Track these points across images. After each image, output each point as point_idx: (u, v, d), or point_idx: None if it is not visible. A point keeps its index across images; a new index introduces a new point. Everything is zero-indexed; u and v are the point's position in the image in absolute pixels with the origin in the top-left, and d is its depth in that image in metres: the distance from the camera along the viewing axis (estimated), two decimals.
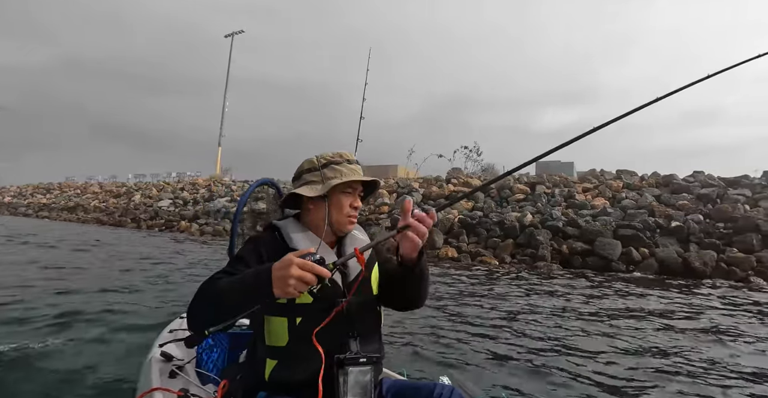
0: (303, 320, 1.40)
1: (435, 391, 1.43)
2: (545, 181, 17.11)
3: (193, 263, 10.17)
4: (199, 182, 31.58)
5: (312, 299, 1.32)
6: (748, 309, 6.94)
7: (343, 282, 1.47)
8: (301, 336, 1.39)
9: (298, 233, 1.50)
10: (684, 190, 14.49)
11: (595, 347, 4.66)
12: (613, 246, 11.18)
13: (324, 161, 1.54)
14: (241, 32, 41.61)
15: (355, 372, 1.38)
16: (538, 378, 3.57)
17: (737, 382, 3.71)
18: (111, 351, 3.64)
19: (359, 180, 1.54)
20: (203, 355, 2.16)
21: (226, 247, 2.13)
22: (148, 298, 5.99)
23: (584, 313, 6.36)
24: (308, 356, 1.37)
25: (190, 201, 25.93)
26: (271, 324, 1.43)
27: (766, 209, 12.55)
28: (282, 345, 1.41)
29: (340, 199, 1.51)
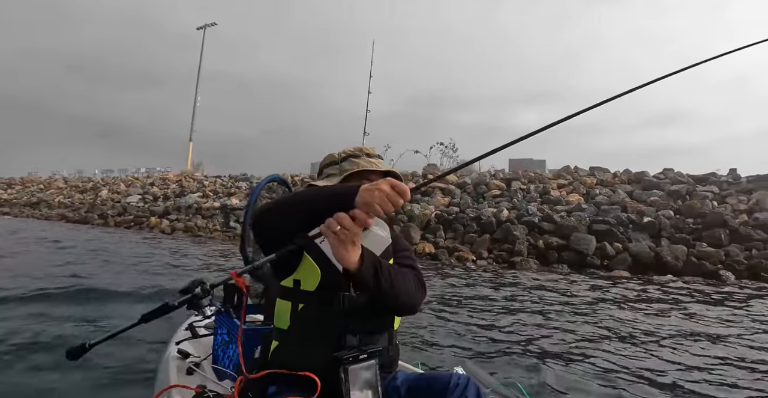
0: (304, 307, 1.41)
1: (451, 381, 1.39)
2: (521, 177, 17.26)
3: (183, 260, 9.88)
4: (169, 177, 30.82)
5: (315, 287, 1.39)
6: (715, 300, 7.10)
7: None
8: (301, 323, 1.41)
9: None
10: (655, 186, 14.80)
11: (599, 336, 4.74)
12: (587, 241, 11.31)
13: (344, 155, 1.56)
14: (213, 25, 40.76)
15: (355, 369, 1.36)
16: (549, 366, 3.57)
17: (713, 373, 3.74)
18: (127, 348, 3.59)
19: (379, 173, 1.52)
20: (219, 351, 2.16)
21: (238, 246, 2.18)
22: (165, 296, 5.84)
23: (585, 307, 6.38)
24: (305, 343, 1.40)
25: (160, 197, 25.26)
26: (278, 306, 1.46)
27: (733, 205, 12.92)
28: (284, 328, 1.44)
29: None
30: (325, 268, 1.41)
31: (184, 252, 11.79)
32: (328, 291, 1.40)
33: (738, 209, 12.56)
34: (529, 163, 27.39)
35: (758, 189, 13.61)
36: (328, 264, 1.40)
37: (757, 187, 13.84)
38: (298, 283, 1.42)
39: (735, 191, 13.86)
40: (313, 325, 1.40)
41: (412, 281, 1.50)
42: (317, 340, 1.39)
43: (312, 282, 1.41)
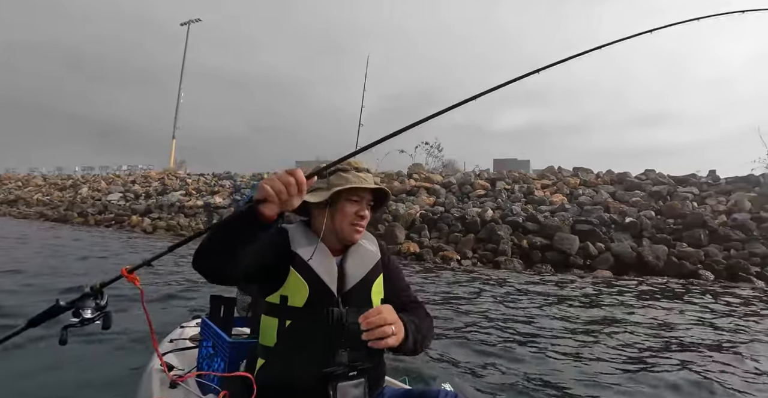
0: (292, 323, 1.39)
1: None
2: (505, 177, 17.35)
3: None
4: (151, 175, 30.39)
5: (303, 303, 1.38)
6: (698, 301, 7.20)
7: (339, 290, 1.44)
8: (289, 340, 1.39)
9: (300, 237, 1.48)
10: (637, 187, 14.99)
11: (587, 341, 4.73)
12: (571, 241, 11.40)
13: (333, 168, 1.51)
14: (198, 21, 40.26)
15: (344, 386, 1.36)
16: (537, 383, 3.53)
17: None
18: (108, 361, 3.51)
19: (367, 188, 1.50)
20: (204, 364, 2.12)
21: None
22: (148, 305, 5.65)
23: (571, 309, 6.41)
24: (293, 360, 1.37)
25: (142, 195, 24.90)
26: (264, 323, 1.43)
27: (712, 206, 13.13)
28: (271, 345, 1.41)
29: (345, 206, 1.49)
30: (313, 284, 1.40)
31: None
32: (317, 307, 1.39)
33: (717, 210, 12.78)
34: (513, 163, 27.54)
35: (736, 190, 13.87)
36: (317, 279, 1.41)
37: (735, 188, 14.10)
38: (285, 299, 1.40)
39: (714, 193, 14.09)
40: (302, 341, 1.38)
41: (430, 323, 1.55)
42: (306, 357, 1.37)
43: (300, 298, 1.39)
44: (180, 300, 6.04)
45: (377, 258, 1.55)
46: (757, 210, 12.45)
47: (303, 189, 1.16)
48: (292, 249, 1.44)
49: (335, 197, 1.48)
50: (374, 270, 1.52)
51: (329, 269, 1.44)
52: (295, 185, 1.14)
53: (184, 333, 2.72)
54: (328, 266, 1.45)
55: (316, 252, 1.44)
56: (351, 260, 1.49)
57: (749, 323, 5.76)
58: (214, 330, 2.07)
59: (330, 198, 1.47)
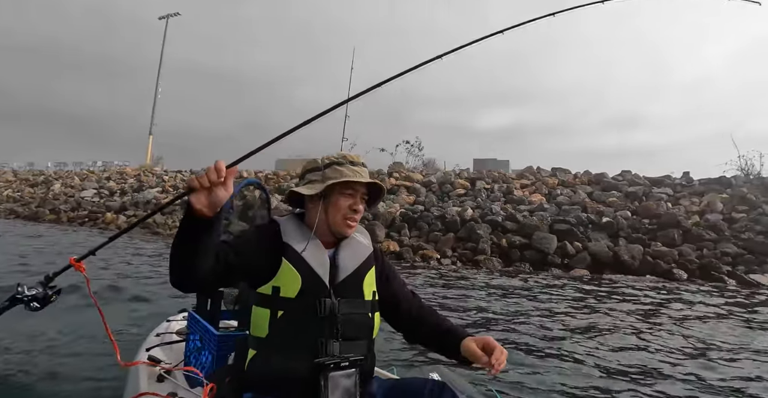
0: (284, 314, 1.40)
1: (426, 388, 1.42)
2: (485, 177, 17.45)
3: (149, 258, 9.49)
4: (127, 171, 29.76)
5: (295, 294, 1.39)
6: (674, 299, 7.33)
7: (331, 282, 1.45)
8: (281, 330, 1.39)
9: (292, 229, 1.50)
10: (613, 188, 15.23)
11: (564, 334, 4.80)
12: (549, 240, 11.51)
13: (327, 161, 1.53)
14: (176, 15, 39.55)
15: (336, 376, 1.37)
16: (523, 373, 3.57)
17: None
18: (94, 356, 3.46)
19: (362, 182, 1.51)
20: (191, 358, 2.12)
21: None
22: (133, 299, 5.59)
23: (549, 306, 6.45)
24: (285, 351, 1.38)
25: (117, 191, 24.35)
26: (255, 314, 1.43)
27: (686, 207, 13.42)
28: (262, 336, 1.41)
29: (339, 200, 1.50)
30: (305, 274, 1.42)
31: (133, 251, 11.39)
32: (309, 298, 1.40)
33: (691, 211, 13.06)
34: (493, 163, 27.75)
35: (709, 192, 14.21)
36: (309, 270, 1.42)
37: (707, 190, 14.44)
38: (278, 290, 1.41)
39: (688, 194, 14.40)
40: (294, 332, 1.39)
41: None
42: (298, 347, 1.39)
43: (292, 289, 1.40)
44: (166, 293, 5.97)
45: (369, 251, 1.57)
46: (728, 211, 12.76)
47: (222, 175, 1.19)
48: (285, 241, 1.45)
49: (329, 190, 1.48)
50: (366, 263, 1.54)
51: (322, 261, 1.46)
52: (214, 171, 1.19)
53: (170, 326, 2.73)
54: (321, 258, 1.46)
55: (309, 244, 1.45)
56: (343, 253, 1.51)
57: (719, 321, 5.88)
58: (201, 324, 2.05)
59: (324, 191, 1.48)
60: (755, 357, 4.32)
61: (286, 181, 20.04)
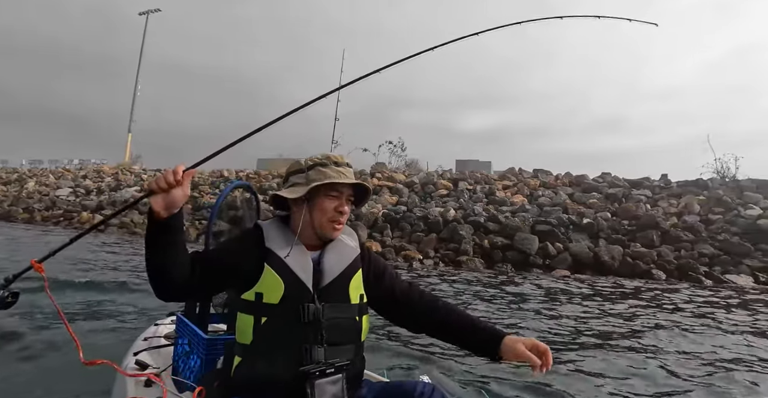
0: (267, 320, 1.38)
1: (416, 390, 1.40)
2: (467, 178, 17.51)
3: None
4: (104, 169, 29.15)
5: (278, 300, 1.37)
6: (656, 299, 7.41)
7: (315, 287, 1.43)
8: (265, 337, 1.38)
9: (275, 233, 1.48)
10: (594, 189, 15.40)
11: (564, 340, 4.74)
12: (531, 241, 11.57)
13: (311, 163, 1.49)
14: (157, 11, 38.91)
15: (322, 383, 1.35)
16: (514, 374, 3.53)
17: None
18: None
19: (347, 184, 1.47)
20: (180, 362, 2.09)
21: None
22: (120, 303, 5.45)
23: (536, 311, 6.44)
24: (270, 358, 1.37)
25: (93, 190, 23.82)
26: (240, 320, 1.42)
27: (664, 208, 13.63)
28: (247, 343, 1.40)
29: (323, 202, 1.46)
30: (288, 280, 1.40)
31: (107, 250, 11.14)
32: (292, 303, 1.39)
33: (669, 212, 13.26)
34: (475, 164, 27.86)
35: (686, 194, 14.46)
36: (292, 276, 1.40)
37: (685, 192, 14.70)
38: (261, 296, 1.39)
39: (666, 195, 14.64)
40: (278, 338, 1.38)
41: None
42: (282, 354, 1.37)
43: (275, 295, 1.38)
44: (153, 297, 5.79)
45: (356, 253, 1.54)
46: (705, 213, 13.00)
47: (178, 178, 1.27)
48: (267, 246, 1.43)
49: (313, 193, 1.45)
50: (352, 266, 1.50)
51: (304, 266, 1.43)
52: (171, 174, 1.27)
53: (158, 330, 2.69)
54: (304, 263, 1.44)
55: (293, 249, 1.43)
56: (328, 256, 1.48)
57: (696, 319, 5.96)
58: (189, 327, 2.03)
59: (308, 194, 1.45)
60: (722, 356, 4.39)
61: (267, 180, 19.83)
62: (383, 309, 1.59)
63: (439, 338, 1.61)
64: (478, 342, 1.49)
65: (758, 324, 5.87)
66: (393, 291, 1.56)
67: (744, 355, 4.42)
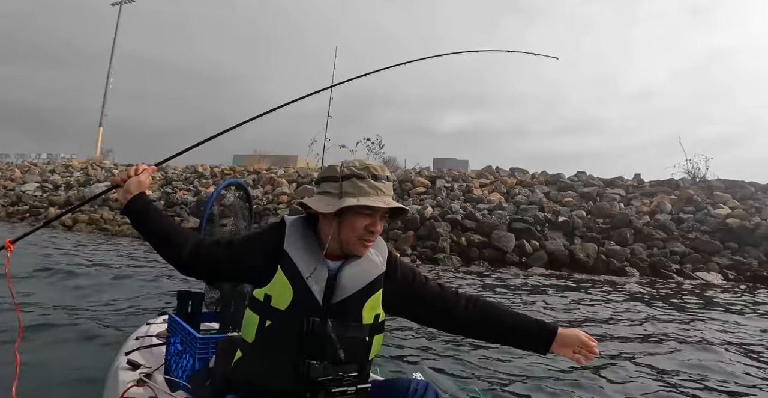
0: (272, 324, 1.35)
1: (410, 388, 1.39)
2: (445, 175, 17.51)
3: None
4: (73, 164, 28.30)
5: (285, 307, 1.33)
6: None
7: (326, 301, 1.35)
8: (266, 340, 1.35)
9: (297, 236, 1.40)
10: (569, 188, 15.56)
11: None
12: (508, 239, 11.63)
13: (347, 171, 1.37)
14: (132, 1, 37.85)
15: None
16: (507, 371, 3.52)
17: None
18: (71, 360, 3.38)
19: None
20: (172, 361, 2.09)
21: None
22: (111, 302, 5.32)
23: (518, 307, 6.42)
24: (268, 362, 1.34)
25: (61, 185, 23.10)
26: (247, 316, 1.40)
27: (637, 207, 13.85)
28: (249, 341, 1.38)
29: (354, 220, 1.36)
30: (298, 289, 1.34)
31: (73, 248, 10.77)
32: (298, 313, 1.33)
33: (641, 211, 13.49)
34: (452, 162, 27.97)
35: (658, 193, 14.73)
36: (303, 286, 1.34)
37: (657, 191, 14.97)
38: (269, 298, 1.35)
39: (639, 194, 14.88)
40: (278, 345, 1.34)
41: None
42: (280, 362, 1.34)
43: (283, 301, 1.34)
44: (145, 296, 5.74)
45: (380, 272, 1.43)
46: (676, 212, 13.26)
47: (138, 171, 1.47)
48: (285, 248, 1.37)
49: (345, 207, 1.35)
50: (372, 285, 1.41)
51: (319, 278, 1.35)
52: (132, 170, 1.49)
53: (150, 329, 2.69)
54: (319, 274, 1.36)
55: (311, 256, 1.36)
56: (349, 270, 1.39)
57: (666, 315, 6.04)
58: (182, 326, 2.02)
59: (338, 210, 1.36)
60: (691, 348, 4.52)
61: (243, 176, 19.51)
62: (420, 317, 1.54)
63: (484, 336, 1.57)
64: (529, 337, 1.48)
65: (722, 318, 6.02)
66: (425, 298, 1.49)
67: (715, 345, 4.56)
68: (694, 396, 3.28)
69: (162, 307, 4.77)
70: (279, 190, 16.63)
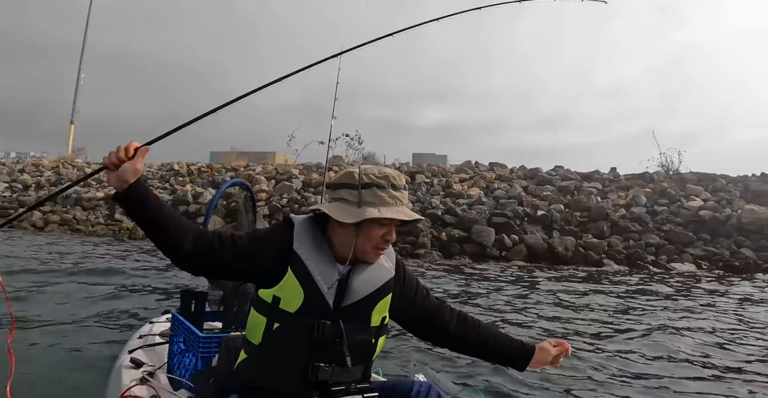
0: (280, 327, 1.31)
1: (413, 389, 1.38)
2: (425, 171, 17.55)
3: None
4: (44, 163, 27.52)
5: (295, 310, 1.30)
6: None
7: (336, 304, 1.33)
8: (274, 343, 1.32)
9: (307, 238, 1.36)
10: (547, 182, 15.75)
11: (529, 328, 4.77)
12: (488, 233, 11.71)
13: (366, 180, 1.34)
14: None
15: None
16: (509, 373, 3.42)
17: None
18: (74, 358, 3.39)
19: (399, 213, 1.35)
20: (174, 360, 2.08)
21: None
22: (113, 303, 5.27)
23: (500, 299, 6.46)
24: (275, 364, 1.32)
25: (32, 185, 22.44)
26: (252, 318, 1.36)
27: (613, 200, 14.10)
28: (255, 343, 1.35)
29: (371, 230, 1.34)
30: (309, 292, 1.31)
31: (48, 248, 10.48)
32: (308, 317, 1.30)
33: (617, 204, 13.73)
34: (432, 158, 27.99)
35: (633, 186, 15.02)
36: (314, 289, 1.31)
37: (632, 184, 15.26)
38: (278, 301, 1.31)
39: (615, 188, 15.16)
40: (286, 349, 1.31)
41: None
42: (287, 366, 1.31)
43: (293, 304, 1.30)
44: (149, 295, 5.71)
45: (389, 276, 1.43)
46: (651, 204, 13.54)
47: (129, 153, 1.27)
48: (295, 249, 1.33)
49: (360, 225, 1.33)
50: (383, 289, 1.40)
51: (330, 280, 1.33)
52: (123, 150, 1.28)
53: (153, 328, 2.69)
54: (330, 277, 1.33)
55: (320, 258, 1.34)
56: (359, 275, 1.37)
57: (642, 304, 6.18)
58: (185, 325, 2.00)
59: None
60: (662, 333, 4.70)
61: (220, 174, 19.23)
62: (413, 327, 1.54)
63: (467, 352, 1.60)
64: (509, 357, 1.54)
65: (692, 304, 6.23)
66: (423, 311, 1.50)
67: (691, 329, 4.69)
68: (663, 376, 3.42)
69: (165, 306, 4.79)
70: (257, 187, 16.43)
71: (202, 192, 16.58)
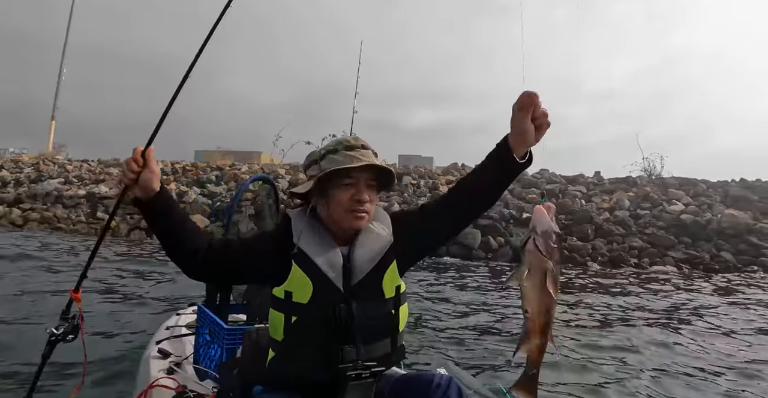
0: (298, 319, 1.33)
1: (433, 381, 1.37)
2: (411, 172, 17.59)
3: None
4: (23, 159, 26.98)
5: (307, 300, 1.32)
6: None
7: (345, 285, 1.35)
8: (295, 336, 1.34)
9: (304, 227, 1.38)
10: (533, 185, 15.88)
11: (581, 334, 4.82)
12: (474, 236, 11.77)
13: (323, 152, 1.40)
14: None
15: (355, 385, 1.30)
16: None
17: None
18: (105, 348, 3.51)
19: (362, 168, 1.34)
20: (200, 351, 2.13)
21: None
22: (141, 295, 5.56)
23: (491, 300, 6.48)
24: (300, 357, 1.34)
25: (10, 182, 21.96)
26: (272, 316, 1.38)
27: (597, 204, 14.28)
28: (278, 339, 1.37)
29: (337, 193, 1.35)
30: (316, 279, 1.33)
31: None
32: (322, 304, 1.33)
33: (602, 207, 13.91)
34: (418, 159, 28.08)
35: (617, 190, 15.23)
36: (320, 275, 1.34)
37: (616, 188, 15.47)
38: (290, 295, 1.34)
39: (599, 191, 15.35)
40: (309, 339, 1.33)
41: None
42: (313, 354, 1.33)
43: (305, 295, 1.33)
44: (176, 287, 5.90)
45: (388, 242, 1.42)
46: (634, 208, 13.74)
47: (140, 163, 1.26)
48: (295, 242, 1.35)
49: (326, 184, 1.35)
50: (385, 258, 1.40)
51: (333, 264, 1.36)
52: (132, 162, 1.26)
53: (180, 320, 2.76)
54: (333, 260, 1.36)
55: (320, 244, 1.37)
56: (359, 251, 1.38)
57: (626, 304, 6.30)
58: (210, 317, 2.05)
59: (320, 187, 1.35)
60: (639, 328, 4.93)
61: (205, 173, 19.05)
62: (442, 231, 1.49)
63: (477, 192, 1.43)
64: (495, 158, 1.35)
65: (670, 303, 6.38)
66: (422, 221, 1.46)
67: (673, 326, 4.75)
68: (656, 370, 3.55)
69: (192, 298, 4.87)
70: None
71: (186, 191, 16.41)
